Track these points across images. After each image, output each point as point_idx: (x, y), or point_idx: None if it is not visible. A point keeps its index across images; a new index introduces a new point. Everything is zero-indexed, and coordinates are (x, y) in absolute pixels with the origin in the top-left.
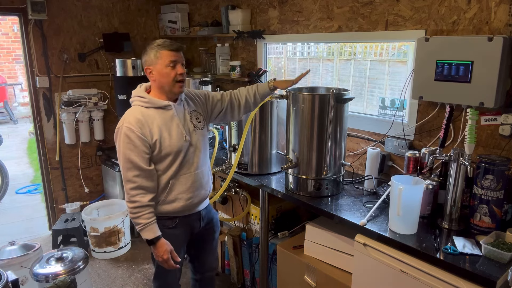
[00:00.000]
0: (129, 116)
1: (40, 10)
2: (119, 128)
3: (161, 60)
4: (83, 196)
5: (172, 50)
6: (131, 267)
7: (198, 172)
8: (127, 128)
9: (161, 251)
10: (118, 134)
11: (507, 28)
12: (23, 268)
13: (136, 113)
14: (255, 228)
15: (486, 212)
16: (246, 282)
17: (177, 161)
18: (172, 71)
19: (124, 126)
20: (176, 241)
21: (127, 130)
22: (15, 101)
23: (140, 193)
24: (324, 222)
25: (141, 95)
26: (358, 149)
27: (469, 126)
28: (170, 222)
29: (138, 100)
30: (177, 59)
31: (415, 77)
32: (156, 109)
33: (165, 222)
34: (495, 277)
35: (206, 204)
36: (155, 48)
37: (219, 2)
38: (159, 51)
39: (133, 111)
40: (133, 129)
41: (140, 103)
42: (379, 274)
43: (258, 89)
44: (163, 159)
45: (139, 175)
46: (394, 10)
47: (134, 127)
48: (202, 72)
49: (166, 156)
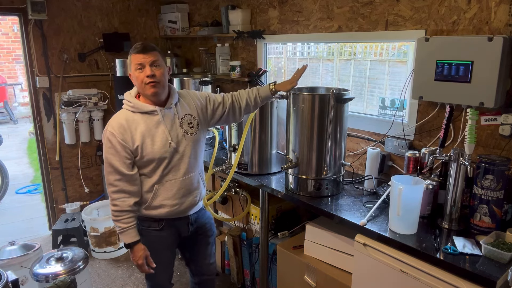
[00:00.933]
0: (113, 121)
1: (40, 10)
2: (104, 132)
3: (132, 64)
4: (83, 196)
5: (138, 53)
6: (131, 267)
7: (185, 178)
8: (109, 132)
9: (137, 256)
10: (103, 137)
11: (507, 28)
12: (23, 268)
13: (120, 118)
14: (255, 228)
15: (486, 212)
16: (246, 282)
17: (160, 167)
18: (141, 74)
19: (108, 131)
20: (162, 243)
21: (109, 134)
22: (15, 101)
23: (122, 197)
24: (324, 222)
25: (128, 99)
26: (358, 149)
27: (469, 126)
28: (157, 224)
29: (126, 103)
30: (143, 61)
31: (415, 77)
32: (141, 114)
33: (151, 224)
34: (495, 277)
35: (197, 209)
36: (130, 53)
37: (219, 2)
38: (131, 55)
39: (118, 115)
40: (115, 134)
41: (127, 107)
42: (379, 274)
43: (259, 93)
44: (146, 165)
45: (120, 179)
46: (394, 10)
47: (116, 132)
48: (202, 72)
49: (149, 162)
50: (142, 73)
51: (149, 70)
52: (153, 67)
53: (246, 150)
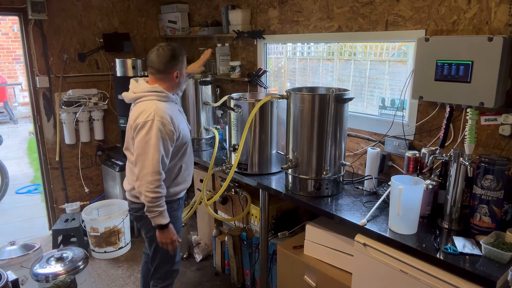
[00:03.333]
0: (158, 110)
1: (40, 10)
2: (149, 122)
3: (184, 64)
4: (83, 196)
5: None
6: (131, 267)
7: (192, 159)
8: (160, 122)
9: (171, 233)
10: (147, 127)
11: (507, 28)
12: (23, 268)
13: (163, 107)
14: (255, 228)
15: (486, 212)
16: (246, 282)
17: (188, 147)
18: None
19: (156, 120)
20: (178, 222)
21: (160, 124)
22: (15, 101)
23: (162, 184)
24: (324, 222)
25: (158, 90)
26: (358, 149)
27: (469, 126)
28: (176, 205)
29: (154, 95)
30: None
31: (415, 77)
32: (170, 102)
33: (173, 205)
34: (495, 277)
35: None
36: (183, 52)
37: (219, 2)
38: (185, 56)
39: (156, 105)
40: (165, 123)
41: (157, 98)
42: (379, 274)
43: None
44: (182, 147)
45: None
46: (394, 10)
47: (166, 120)
48: (202, 72)
49: (183, 144)
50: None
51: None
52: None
53: (246, 150)
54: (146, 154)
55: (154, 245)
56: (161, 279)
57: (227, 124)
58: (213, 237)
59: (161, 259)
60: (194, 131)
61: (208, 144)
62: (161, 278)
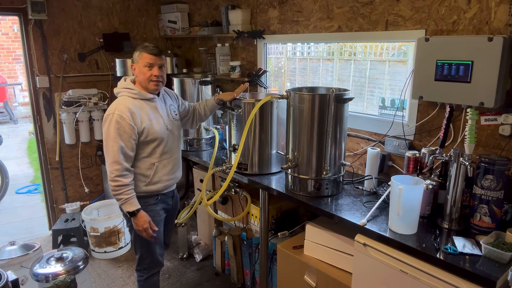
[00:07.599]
0: (120, 105)
1: (40, 10)
2: (110, 115)
3: (141, 60)
4: (83, 196)
5: (152, 54)
6: (131, 267)
7: (176, 157)
8: (118, 115)
9: (142, 221)
10: (108, 120)
11: (507, 28)
12: (23, 268)
13: (127, 103)
14: (255, 228)
15: (486, 212)
16: (246, 282)
17: (160, 146)
18: (148, 72)
19: (116, 114)
20: (155, 216)
21: (118, 117)
22: (15, 101)
23: (125, 174)
24: (324, 222)
25: (130, 87)
26: (358, 149)
27: (469, 126)
28: (153, 200)
29: (128, 92)
30: (154, 62)
31: (415, 77)
32: (143, 100)
33: (147, 200)
34: (495, 277)
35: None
36: (140, 49)
37: (219, 2)
38: (142, 53)
39: (122, 101)
40: (124, 117)
41: (129, 94)
42: (379, 274)
43: (207, 103)
44: (149, 144)
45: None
46: (394, 10)
47: (125, 115)
48: (202, 72)
49: (151, 141)
50: (150, 71)
51: (157, 71)
52: (160, 69)
53: (246, 150)
54: (107, 146)
55: (133, 234)
56: (146, 270)
57: (227, 124)
58: (213, 237)
59: (141, 248)
60: (194, 131)
61: (208, 144)
62: (146, 269)
